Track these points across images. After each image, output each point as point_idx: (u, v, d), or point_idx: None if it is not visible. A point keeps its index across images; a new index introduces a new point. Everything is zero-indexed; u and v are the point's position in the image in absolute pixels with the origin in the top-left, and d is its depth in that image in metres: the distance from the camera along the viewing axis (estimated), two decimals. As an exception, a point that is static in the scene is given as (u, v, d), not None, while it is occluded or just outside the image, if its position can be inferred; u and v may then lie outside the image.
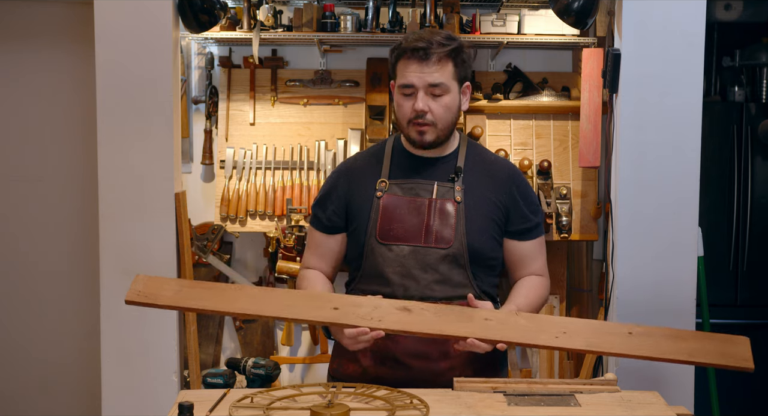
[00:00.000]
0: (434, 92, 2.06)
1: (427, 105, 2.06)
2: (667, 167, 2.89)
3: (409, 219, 2.09)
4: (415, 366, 2.06)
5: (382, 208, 2.10)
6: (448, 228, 2.07)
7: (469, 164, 2.15)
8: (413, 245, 2.07)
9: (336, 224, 2.18)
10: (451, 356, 2.06)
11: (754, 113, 3.83)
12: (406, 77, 2.06)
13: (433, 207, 2.09)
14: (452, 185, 2.11)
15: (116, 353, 2.94)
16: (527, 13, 3.42)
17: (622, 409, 1.81)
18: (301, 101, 3.60)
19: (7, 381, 3.77)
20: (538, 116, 3.60)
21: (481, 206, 2.11)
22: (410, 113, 2.07)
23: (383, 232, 2.09)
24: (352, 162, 2.25)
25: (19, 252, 3.74)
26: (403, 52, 2.07)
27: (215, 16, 3.06)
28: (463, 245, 2.07)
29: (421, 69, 2.04)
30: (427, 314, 1.92)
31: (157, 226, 2.91)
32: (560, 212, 3.48)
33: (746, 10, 3.93)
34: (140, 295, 1.94)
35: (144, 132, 2.90)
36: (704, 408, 3.40)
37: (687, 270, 2.91)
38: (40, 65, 3.69)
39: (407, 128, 2.10)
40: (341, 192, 2.18)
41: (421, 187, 2.12)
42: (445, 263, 2.07)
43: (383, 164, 2.16)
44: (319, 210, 2.21)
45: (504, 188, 2.14)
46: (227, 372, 3.25)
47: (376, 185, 2.13)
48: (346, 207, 2.17)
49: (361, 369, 2.11)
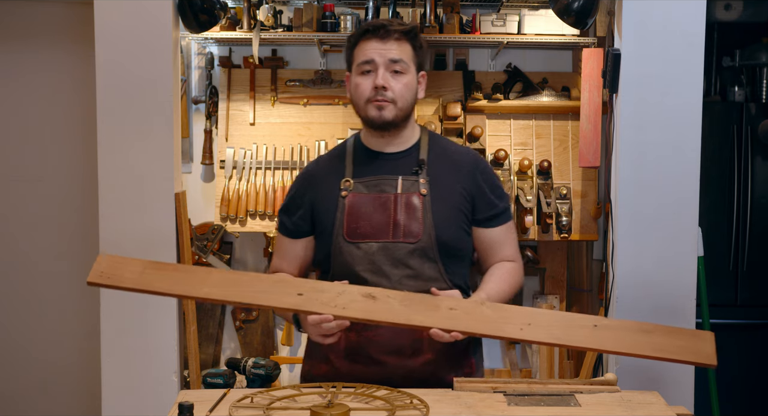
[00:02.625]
0: (395, 68, 2.06)
1: (388, 81, 2.05)
2: (667, 167, 2.89)
3: (375, 216, 2.08)
4: (389, 362, 2.04)
5: (347, 207, 2.09)
6: (416, 222, 2.06)
7: (432, 155, 2.14)
8: (382, 242, 2.06)
9: (302, 228, 2.17)
10: (425, 351, 2.05)
11: (754, 113, 3.83)
12: (366, 54, 2.06)
13: (399, 202, 2.08)
14: (416, 178, 2.10)
15: (116, 353, 2.94)
16: (527, 13, 3.42)
17: (622, 409, 1.81)
18: (301, 101, 3.60)
19: (7, 381, 3.77)
20: (538, 116, 3.60)
21: (446, 197, 2.10)
22: (369, 90, 2.06)
23: (350, 230, 2.08)
24: (314, 166, 2.24)
25: (19, 252, 3.74)
26: (363, 32, 2.08)
27: (215, 16, 3.06)
28: (431, 238, 2.06)
29: (381, 45, 2.06)
30: (392, 302, 1.88)
31: (157, 226, 2.91)
32: (560, 212, 3.48)
33: (746, 10, 3.93)
34: (102, 276, 1.87)
35: (144, 132, 2.90)
36: (704, 408, 3.40)
37: (687, 270, 2.91)
38: (40, 65, 3.69)
39: (365, 108, 2.08)
40: (306, 197, 2.16)
41: (386, 182, 2.10)
42: (415, 257, 2.05)
43: (345, 163, 2.15)
44: (284, 216, 2.20)
45: (468, 176, 2.14)
46: (227, 372, 3.25)
47: (341, 184, 2.12)
48: (311, 211, 2.15)
49: (334, 369, 2.08)
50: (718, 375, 3.46)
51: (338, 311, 1.86)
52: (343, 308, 1.86)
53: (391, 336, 2.03)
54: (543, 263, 3.68)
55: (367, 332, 2.04)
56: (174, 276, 1.91)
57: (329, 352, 2.08)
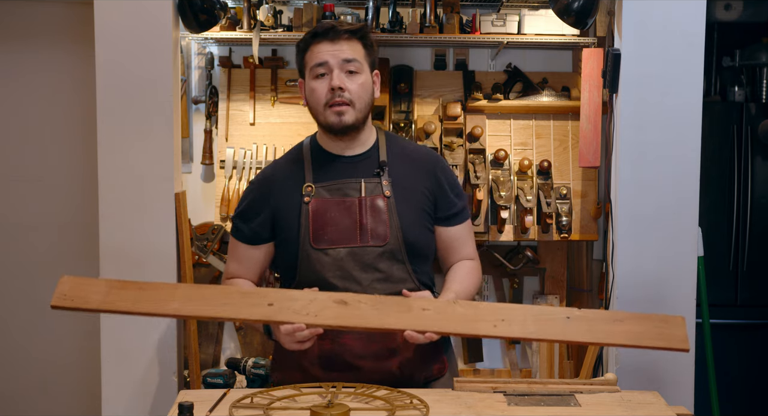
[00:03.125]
0: (349, 69, 2.05)
1: (344, 82, 2.04)
2: (667, 167, 2.89)
3: (341, 220, 2.06)
4: (365, 367, 2.03)
5: (312, 213, 2.06)
6: (382, 224, 2.05)
7: (392, 156, 2.13)
8: (349, 247, 2.05)
9: (261, 235, 2.14)
10: (399, 353, 2.04)
11: (754, 113, 3.84)
12: (318, 57, 2.05)
13: (364, 205, 2.06)
14: (379, 179, 2.09)
15: (116, 353, 2.94)
16: (527, 13, 3.42)
17: (622, 409, 1.81)
18: (301, 101, 3.59)
19: (7, 381, 3.77)
20: (538, 116, 3.60)
21: (410, 198, 2.10)
22: (326, 94, 2.05)
23: (317, 237, 2.05)
24: (270, 172, 2.20)
25: (19, 252, 3.74)
26: (312, 37, 2.07)
27: (215, 16, 3.06)
28: (399, 240, 2.06)
29: (333, 47, 2.05)
30: (364, 307, 1.85)
31: (157, 226, 2.91)
32: (560, 212, 3.48)
33: (746, 10, 3.93)
34: (65, 299, 1.83)
35: (144, 132, 2.90)
36: (704, 408, 3.40)
37: (687, 270, 2.91)
38: (40, 65, 3.69)
39: (324, 113, 2.08)
40: (265, 203, 2.13)
41: (349, 186, 2.09)
42: (384, 259, 2.05)
43: (305, 168, 2.13)
44: (240, 222, 2.16)
45: (429, 175, 2.14)
46: (227, 372, 3.25)
47: (302, 190, 2.09)
48: (272, 217, 2.12)
49: (310, 376, 2.05)
50: (718, 375, 3.46)
51: (311, 319, 1.83)
52: (315, 315, 1.83)
53: (365, 342, 2.02)
54: (543, 263, 3.68)
55: (341, 339, 2.02)
56: (140, 295, 1.87)
57: (302, 360, 2.06)
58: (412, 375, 2.05)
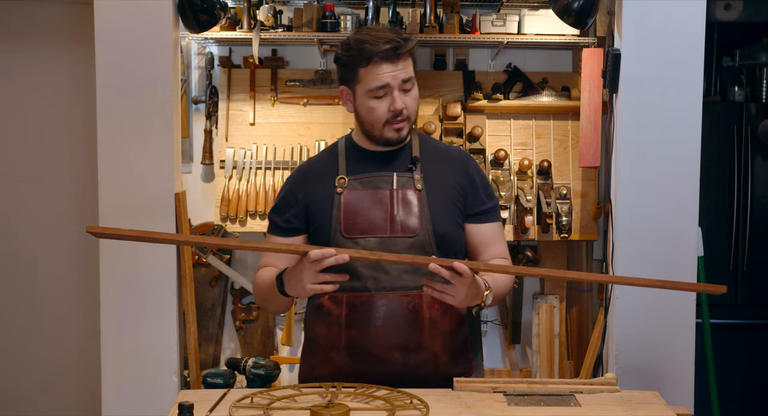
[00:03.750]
0: (406, 88, 2.06)
1: (403, 101, 2.06)
2: (667, 167, 2.89)
3: (372, 211, 2.08)
4: (392, 359, 2.04)
5: (344, 203, 2.09)
6: (413, 217, 2.08)
7: (424, 153, 2.16)
8: (380, 237, 2.07)
9: (295, 225, 2.16)
10: (427, 345, 2.05)
11: (754, 113, 3.84)
12: (379, 79, 2.04)
13: (396, 197, 2.09)
14: (411, 174, 2.12)
15: (116, 353, 2.94)
16: (527, 13, 3.42)
17: (622, 409, 1.81)
18: (301, 101, 3.60)
19: (7, 381, 3.77)
20: (538, 116, 3.60)
21: (441, 192, 2.12)
22: (386, 114, 2.06)
23: (348, 226, 2.08)
24: (306, 165, 2.24)
25: (19, 252, 3.74)
26: (369, 56, 2.03)
27: (215, 16, 3.06)
28: (429, 232, 2.07)
29: (394, 68, 2.04)
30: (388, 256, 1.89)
31: (157, 226, 2.91)
32: (560, 212, 3.48)
33: (746, 10, 3.93)
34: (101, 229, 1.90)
35: (144, 132, 2.90)
36: (704, 408, 3.40)
37: (687, 270, 2.91)
38: (40, 65, 3.69)
39: (382, 129, 2.08)
40: (299, 195, 2.16)
41: (381, 179, 2.12)
42: (413, 251, 2.06)
43: (339, 162, 2.16)
44: (275, 216, 2.19)
45: (460, 171, 2.16)
46: (227, 372, 3.25)
47: (335, 182, 2.12)
48: (305, 209, 2.14)
49: (336, 368, 2.07)
50: (718, 375, 3.46)
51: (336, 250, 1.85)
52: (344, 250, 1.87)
53: (391, 331, 2.04)
54: (543, 263, 3.68)
55: (368, 328, 2.04)
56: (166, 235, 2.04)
57: (330, 351, 2.08)
58: (437, 372, 2.05)
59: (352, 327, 2.03)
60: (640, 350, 2.90)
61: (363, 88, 2.07)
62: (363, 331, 2.04)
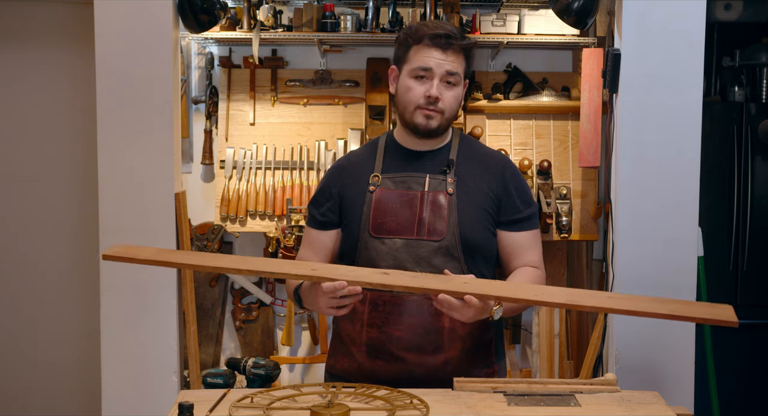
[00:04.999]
0: (449, 80, 2.08)
1: (441, 93, 2.07)
2: (667, 167, 2.89)
3: (401, 212, 2.09)
4: (410, 359, 2.06)
5: (374, 202, 2.11)
6: (441, 220, 2.08)
7: (462, 156, 2.16)
8: (406, 238, 2.08)
9: (330, 219, 2.19)
10: (446, 349, 2.06)
11: (754, 113, 3.83)
12: (424, 61, 2.06)
13: (425, 200, 2.09)
14: (444, 177, 2.12)
15: (116, 353, 2.94)
16: (527, 13, 3.42)
17: (622, 409, 1.81)
18: (301, 101, 3.60)
19: (7, 381, 3.77)
20: (538, 116, 3.60)
21: (473, 197, 2.11)
22: (421, 97, 2.08)
23: (376, 226, 2.10)
24: (345, 159, 2.26)
25: (19, 252, 3.74)
26: (422, 37, 2.07)
27: (215, 16, 3.06)
28: (455, 237, 2.07)
29: (442, 56, 2.06)
30: (404, 277, 1.90)
31: (157, 226, 2.91)
32: (560, 212, 3.48)
33: (746, 10, 3.93)
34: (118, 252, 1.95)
35: (144, 132, 2.90)
36: (704, 408, 3.40)
37: (687, 270, 2.91)
38: (40, 65, 3.69)
39: (413, 112, 2.10)
40: (335, 189, 2.19)
41: (413, 180, 2.13)
42: (439, 255, 2.07)
43: (376, 158, 2.18)
44: (313, 208, 2.23)
45: (496, 178, 2.15)
46: (227, 372, 3.25)
47: (369, 179, 2.14)
48: (340, 203, 2.18)
49: (356, 364, 2.11)
50: (718, 375, 3.46)
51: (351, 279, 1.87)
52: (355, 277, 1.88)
53: (411, 333, 2.05)
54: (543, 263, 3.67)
55: (386, 328, 2.05)
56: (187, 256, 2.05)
57: (352, 346, 2.11)
58: (457, 375, 2.04)
59: (373, 326, 2.06)
60: (640, 350, 2.90)
61: (408, 67, 2.10)
62: (383, 330, 2.06)
